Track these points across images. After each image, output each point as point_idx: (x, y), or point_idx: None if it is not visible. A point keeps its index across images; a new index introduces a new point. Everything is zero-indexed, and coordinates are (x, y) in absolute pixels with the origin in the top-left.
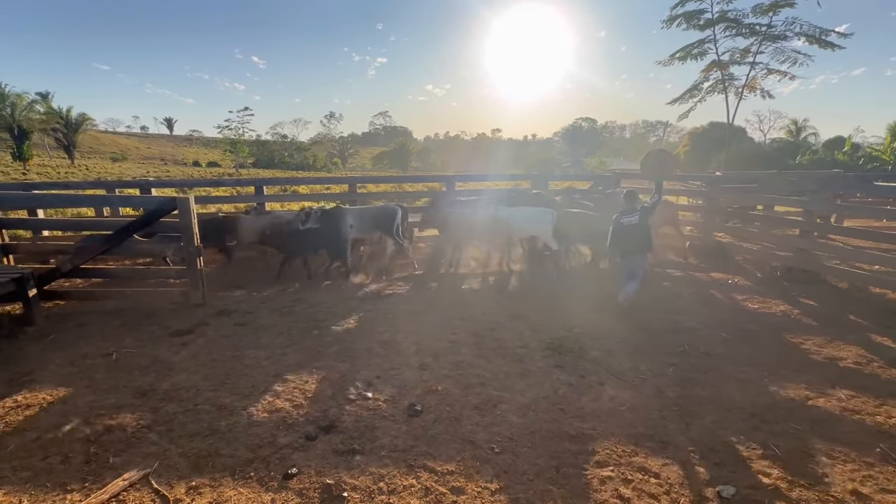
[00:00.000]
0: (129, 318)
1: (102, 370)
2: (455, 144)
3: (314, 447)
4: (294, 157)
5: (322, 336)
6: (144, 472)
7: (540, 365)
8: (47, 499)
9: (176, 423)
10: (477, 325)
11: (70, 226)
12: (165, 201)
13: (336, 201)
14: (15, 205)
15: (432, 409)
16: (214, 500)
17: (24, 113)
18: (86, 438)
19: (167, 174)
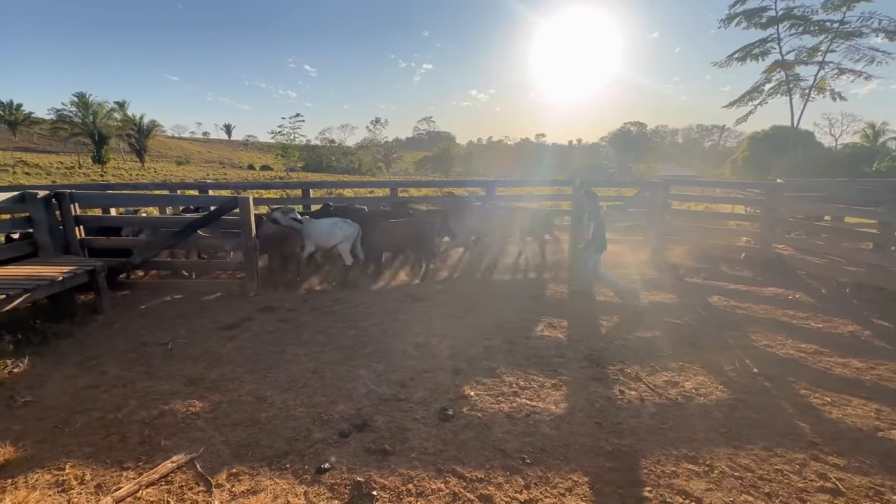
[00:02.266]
0: (184, 309)
1: (159, 358)
2: (498, 149)
3: (347, 444)
4: (340, 162)
5: (359, 336)
6: (191, 456)
7: (576, 376)
8: (107, 474)
9: (220, 412)
10: (512, 332)
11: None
12: (228, 200)
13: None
14: (92, 203)
15: (463, 415)
16: (252, 488)
17: (103, 120)
18: (141, 421)
19: (224, 176)
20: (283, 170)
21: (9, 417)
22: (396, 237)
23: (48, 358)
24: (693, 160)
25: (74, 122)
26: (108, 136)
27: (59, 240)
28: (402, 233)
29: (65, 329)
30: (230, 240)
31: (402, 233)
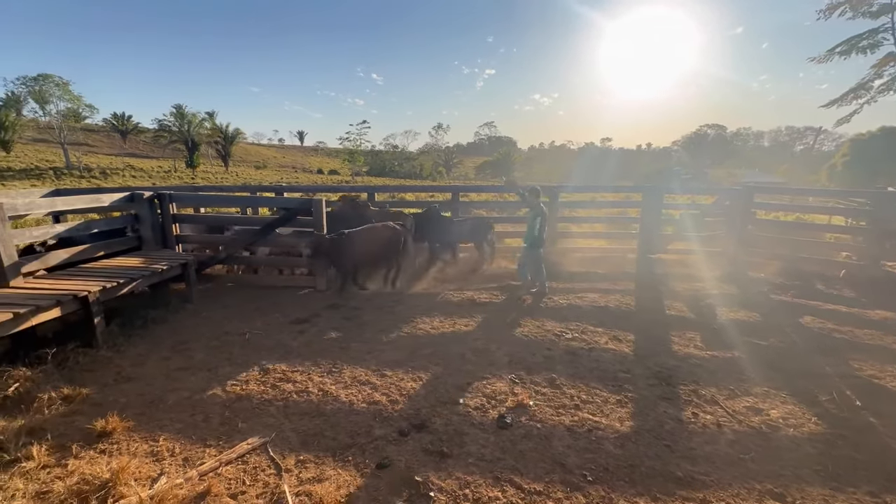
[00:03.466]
0: (260, 303)
1: (238, 347)
2: (560, 154)
3: (406, 443)
4: (403, 167)
5: (418, 337)
6: (264, 440)
7: (644, 394)
8: (193, 449)
9: (290, 402)
10: (574, 343)
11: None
12: (304, 202)
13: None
14: (186, 203)
15: (522, 424)
16: (317, 476)
17: (196, 129)
18: (222, 403)
19: (296, 180)
20: (349, 174)
21: (116, 391)
22: (462, 233)
23: (147, 340)
24: (781, 165)
25: (172, 131)
26: (200, 143)
27: (158, 235)
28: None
29: (161, 315)
30: (304, 238)
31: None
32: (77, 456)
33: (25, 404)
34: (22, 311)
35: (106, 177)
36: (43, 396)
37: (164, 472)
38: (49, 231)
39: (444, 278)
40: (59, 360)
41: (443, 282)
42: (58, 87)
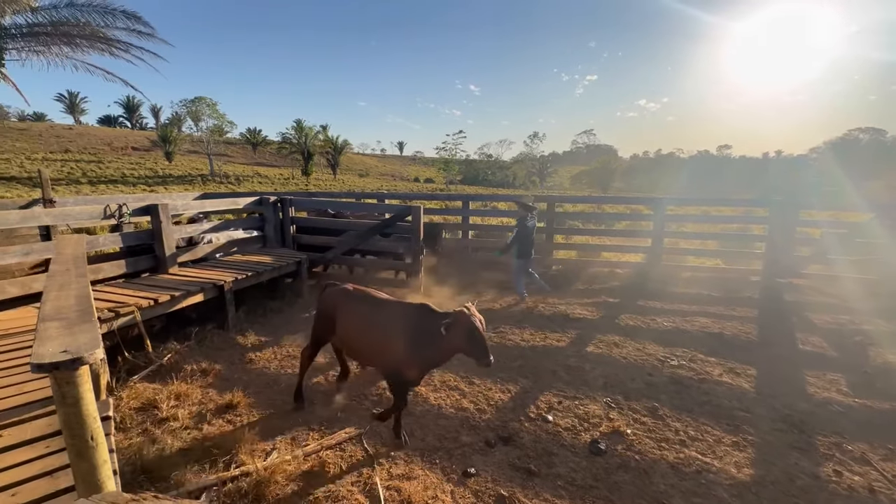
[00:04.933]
0: None
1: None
2: (668, 163)
3: (492, 454)
4: (496, 175)
5: (507, 348)
6: (359, 431)
7: (768, 440)
8: (299, 431)
9: (383, 398)
10: (681, 372)
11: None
12: (404, 209)
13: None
14: (301, 207)
15: (618, 454)
16: (406, 473)
17: (311, 140)
18: (324, 392)
19: (395, 187)
20: (444, 182)
21: (241, 371)
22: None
23: (266, 327)
24: None
25: (292, 143)
26: (314, 154)
27: (279, 235)
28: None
29: (277, 306)
30: (402, 243)
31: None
32: (210, 422)
33: (174, 373)
34: (177, 294)
35: (239, 182)
36: (187, 368)
37: (276, 447)
38: (199, 228)
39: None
40: (200, 339)
41: (533, 293)
42: (208, 106)
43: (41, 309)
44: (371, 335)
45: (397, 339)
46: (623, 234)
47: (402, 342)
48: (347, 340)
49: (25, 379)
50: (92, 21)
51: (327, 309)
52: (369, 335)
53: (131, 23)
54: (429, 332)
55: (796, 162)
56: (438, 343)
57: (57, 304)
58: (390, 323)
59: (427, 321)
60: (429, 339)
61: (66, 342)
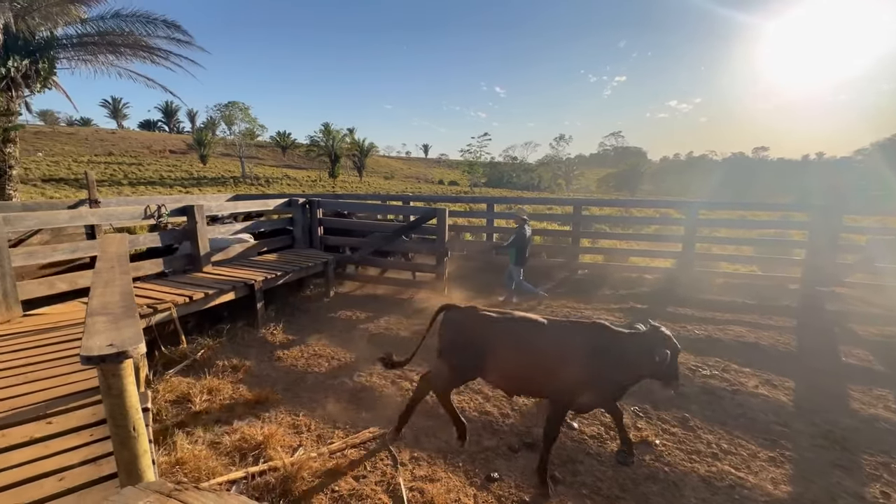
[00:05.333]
0: (386, 302)
1: (364, 341)
2: (700, 166)
3: (516, 459)
4: (521, 178)
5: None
6: (383, 431)
7: (807, 456)
8: (325, 428)
9: (407, 399)
10: (713, 382)
11: (361, 226)
12: (430, 211)
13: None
14: (329, 208)
15: (646, 464)
16: (429, 475)
17: (338, 143)
18: (349, 391)
19: (419, 190)
20: (468, 184)
21: (270, 368)
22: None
23: (293, 326)
24: None
25: (320, 146)
26: (341, 156)
27: (306, 236)
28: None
29: (304, 306)
30: (427, 245)
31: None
32: (240, 417)
33: (207, 367)
34: (210, 292)
35: (269, 184)
36: (219, 363)
37: (302, 444)
38: (231, 228)
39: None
40: (231, 335)
41: (559, 297)
42: (241, 111)
43: (89, 304)
44: (538, 360)
45: (574, 362)
46: (652, 239)
47: (581, 365)
48: (503, 369)
49: (72, 370)
50: (135, 30)
51: (470, 336)
52: (536, 360)
53: (171, 31)
54: (611, 351)
55: (839, 164)
56: (628, 365)
57: (103, 299)
58: (564, 345)
59: (609, 340)
60: (614, 361)
61: (112, 336)
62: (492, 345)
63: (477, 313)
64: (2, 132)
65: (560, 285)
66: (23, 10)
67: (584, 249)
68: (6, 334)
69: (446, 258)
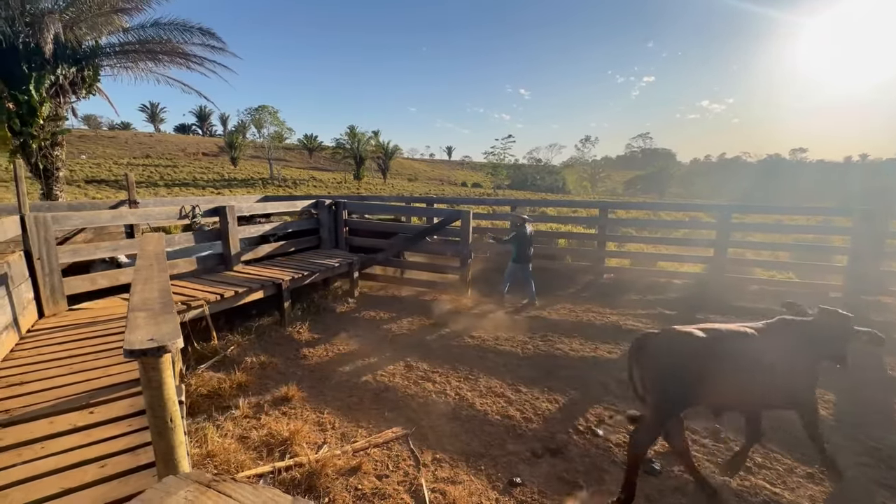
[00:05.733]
0: (408, 304)
1: (387, 343)
2: (733, 168)
3: (539, 465)
4: (545, 180)
5: (556, 358)
6: (405, 432)
7: (850, 474)
8: (349, 427)
9: (430, 400)
10: None
11: (385, 227)
12: (454, 213)
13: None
14: (353, 210)
15: (674, 475)
16: (451, 477)
17: (363, 145)
18: (373, 390)
19: (442, 192)
20: (491, 187)
21: (296, 365)
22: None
23: (319, 325)
24: None
25: (346, 148)
26: (365, 158)
27: (333, 236)
28: None
29: (329, 305)
30: (450, 247)
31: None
32: (267, 413)
33: (236, 364)
34: (240, 290)
35: (296, 186)
36: (248, 360)
37: (327, 441)
38: (260, 229)
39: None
40: (259, 333)
41: (583, 302)
42: (270, 114)
43: (130, 300)
44: (770, 370)
45: (803, 361)
46: (681, 243)
47: (810, 362)
48: (734, 394)
49: (111, 363)
50: (173, 38)
51: (684, 363)
52: (768, 371)
53: (206, 38)
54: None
55: (885, 166)
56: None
57: (143, 296)
58: (785, 348)
59: (818, 331)
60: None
61: (152, 331)
62: (720, 370)
63: (686, 335)
64: (50, 136)
65: (585, 289)
66: (71, 21)
67: (609, 253)
68: (53, 327)
69: (470, 260)
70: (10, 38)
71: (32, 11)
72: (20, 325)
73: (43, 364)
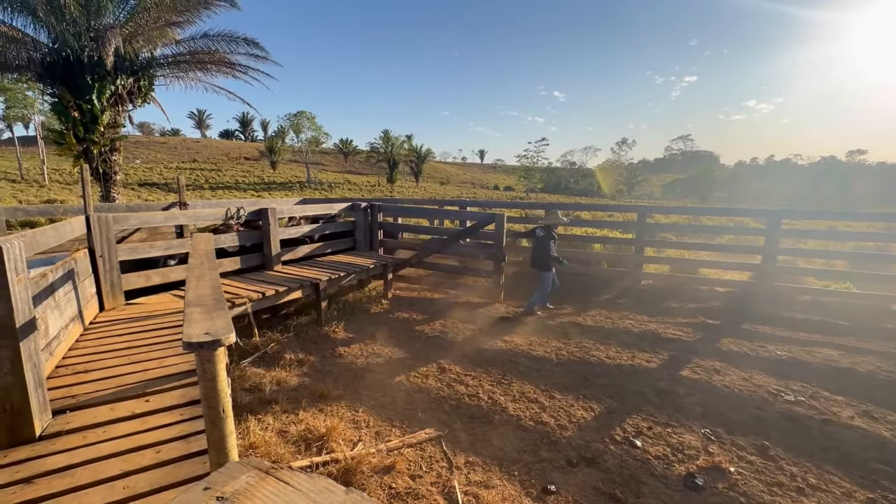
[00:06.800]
0: (441, 305)
1: (420, 343)
2: (782, 170)
3: (574, 474)
4: (579, 184)
5: (591, 365)
6: (438, 433)
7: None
8: (382, 426)
9: (462, 403)
10: (799, 409)
11: (419, 230)
12: (488, 216)
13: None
14: (388, 212)
15: (718, 492)
16: (484, 481)
17: (396, 150)
18: (406, 391)
19: (474, 195)
20: (524, 190)
21: (331, 364)
22: None
23: (354, 325)
24: None
25: (380, 152)
26: (398, 162)
27: (368, 238)
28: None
29: (364, 306)
30: (484, 250)
31: None
32: (305, 409)
33: (276, 360)
34: (281, 289)
35: (331, 189)
36: (287, 357)
37: (362, 439)
38: (300, 231)
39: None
40: (298, 331)
41: (619, 309)
42: (308, 120)
43: (186, 296)
44: None
45: None
46: (725, 250)
47: None
48: None
49: (165, 354)
50: (220, 48)
51: None
52: None
53: (250, 48)
54: None
55: None
56: None
57: (197, 292)
58: None
59: None
60: None
61: (207, 326)
62: None
63: None
64: (109, 142)
65: (621, 296)
66: (129, 34)
67: (647, 259)
68: (113, 320)
69: (503, 264)
70: (77, 51)
71: (97, 27)
72: (84, 318)
73: (104, 354)
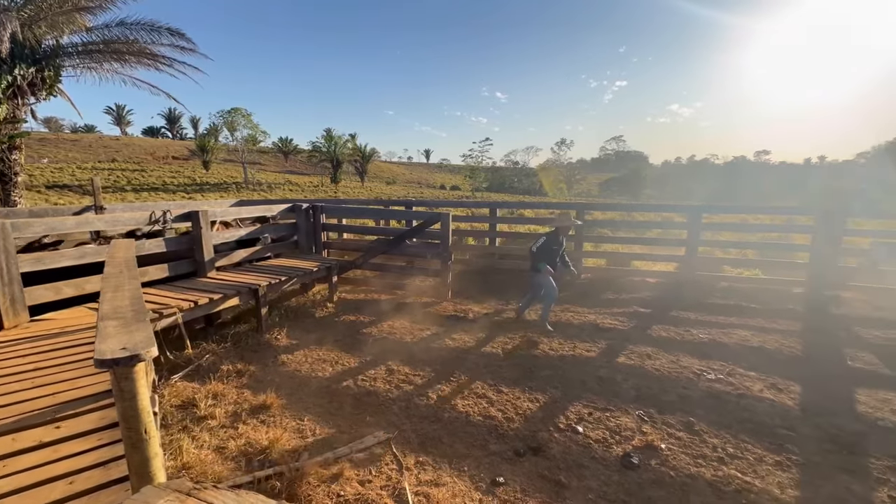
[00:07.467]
0: (388, 307)
1: (368, 346)
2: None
3: (521, 464)
4: (522, 183)
5: (535, 357)
6: (388, 436)
7: (815, 460)
8: (330, 434)
9: (412, 404)
10: (718, 386)
11: (365, 231)
12: (434, 216)
13: None
14: (331, 213)
15: (652, 468)
16: (434, 479)
17: (340, 149)
18: (353, 395)
19: (421, 194)
20: (470, 189)
21: (273, 372)
22: None
23: (297, 331)
24: None
25: (322, 151)
26: (342, 162)
27: (311, 241)
28: None
29: (308, 311)
30: (430, 249)
31: None
32: (245, 422)
33: (212, 373)
34: (215, 297)
35: (271, 189)
36: (224, 368)
37: (307, 448)
38: (235, 234)
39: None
40: (235, 340)
41: (561, 302)
42: (243, 117)
43: (100, 308)
44: None
45: None
46: (655, 243)
47: None
48: None
49: (79, 374)
50: (140, 38)
51: None
52: None
53: (175, 39)
54: None
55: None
56: None
57: (113, 304)
58: None
59: None
60: None
61: (124, 340)
62: None
63: None
64: (7, 139)
65: (563, 289)
66: (30, 19)
67: (586, 254)
68: (14, 339)
69: (450, 262)
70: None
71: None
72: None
73: (2, 379)
